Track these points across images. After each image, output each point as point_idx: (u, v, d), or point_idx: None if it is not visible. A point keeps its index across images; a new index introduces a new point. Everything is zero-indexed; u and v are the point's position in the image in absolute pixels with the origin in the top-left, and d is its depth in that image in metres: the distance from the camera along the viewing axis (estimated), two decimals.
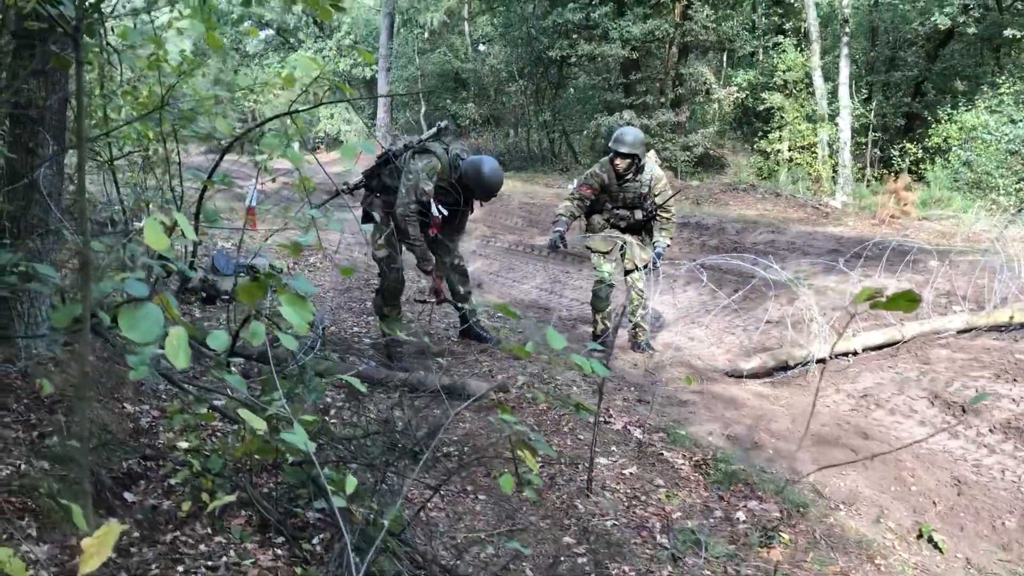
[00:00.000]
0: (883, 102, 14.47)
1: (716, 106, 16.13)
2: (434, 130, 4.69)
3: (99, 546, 1.10)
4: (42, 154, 2.68)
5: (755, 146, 15.05)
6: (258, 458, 2.38)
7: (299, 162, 2.33)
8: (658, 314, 6.50)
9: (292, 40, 24.97)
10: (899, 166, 13.10)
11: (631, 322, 5.39)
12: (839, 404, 4.69)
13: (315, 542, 2.23)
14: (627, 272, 5.34)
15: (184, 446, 2.51)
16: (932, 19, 12.74)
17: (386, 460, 2.55)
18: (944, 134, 12.50)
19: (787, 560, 2.70)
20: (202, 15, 3.47)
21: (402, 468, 2.64)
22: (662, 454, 3.47)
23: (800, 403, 4.59)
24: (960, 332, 5.61)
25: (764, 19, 16.25)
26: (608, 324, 5.31)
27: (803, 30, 14.19)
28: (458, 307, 4.95)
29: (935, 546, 3.08)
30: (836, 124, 13.12)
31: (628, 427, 3.72)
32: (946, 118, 12.61)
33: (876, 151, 14.20)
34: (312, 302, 1.75)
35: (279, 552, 2.16)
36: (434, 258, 4.64)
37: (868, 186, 13.21)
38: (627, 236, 5.35)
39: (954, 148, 12.26)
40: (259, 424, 1.61)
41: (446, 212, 4.48)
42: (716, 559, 2.64)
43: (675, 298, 7.10)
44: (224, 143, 3.85)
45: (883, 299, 1.19)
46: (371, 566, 1.79)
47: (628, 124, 12.87)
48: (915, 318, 5.68)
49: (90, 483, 1.59)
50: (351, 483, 1.72)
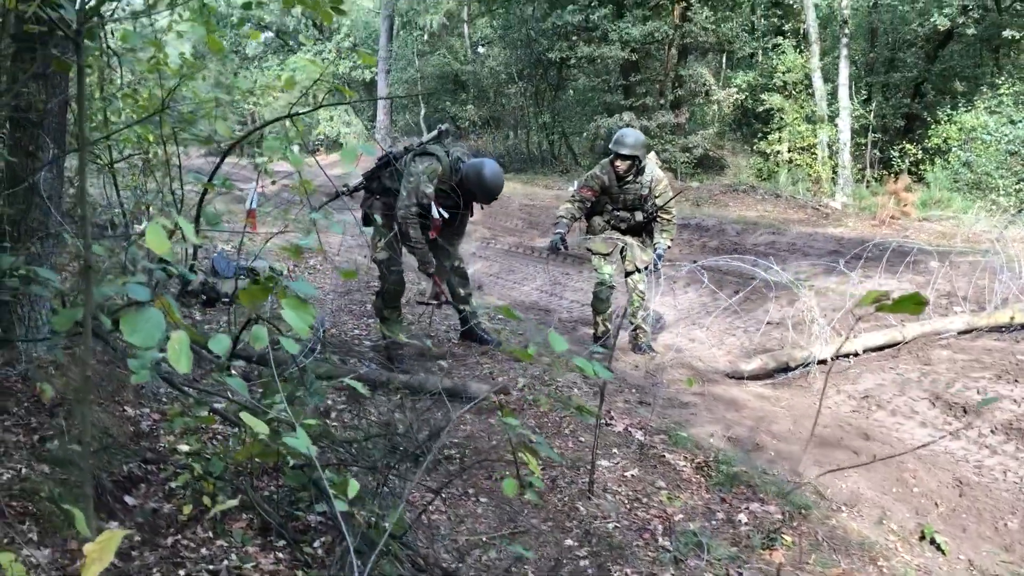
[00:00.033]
0: (883, 103, 14.48)
1: (716, 107, 16.13)
2: (435, 133, 4.69)
3: (101, 552, 1.10)
4: (42, 157, 2.68)
5: (755, 147, 15.05)
6: (259, 461, 2.37)
7: (300, 165, 2.33)
8: (659, 316, 6.49)
9: (291, 43, 24.98)
10: (899, 167, 13.10)
11: (632, 324, 5.39)
12: (840, 405, 4.69)
13: (316, 545, 2.23)
14: (628, 274, 5.34)
15: (185, 449, 2.51)
16: (931, 20, 12.75)
17: (387, 463, 2.55)
18: (944, 135, 12.51)
19: (789, 562, 2.70)
20: (202, 18, 3.48)
21: (403, 471, 2.63)
22: (663, 456, 3.46)
23: (801, 405, 4.59)
24: (961, 333, 5.61)
25: (763, 20, 16.25)
26: (609, 326, 5.31)
27: (802, 31, 14.19)
28: (459, 309, 4.95)
29: (937, 548, 3.08)
30: (836, 125, 13.12)
31: (629, 429, 3.72)
32: (946, 119, 12.62)
33: (876, 152, 14.20)
34: (313, 305, 1.74)
35: (280, 556, 2.16)
36: (435, 261, 4.63)
37: (868, 187, 13.21)
38: (628, 238, 5.35)
39: (954, 149, 12.27)
40: (261, 428, 1.61)
41: (447, 215, 4.48)
42: (718, 561, 2.64)
43: (676, 300, 7.09)
44: (224, 146, 3.85)
45: (889, 302, 1.18)
46: (373, 570, 1.79)
47: (628, 126, 12.89)
48: (916, 319, 5.68)
49: (91, 487, 1.58)
50: (353, 487, 1.72)
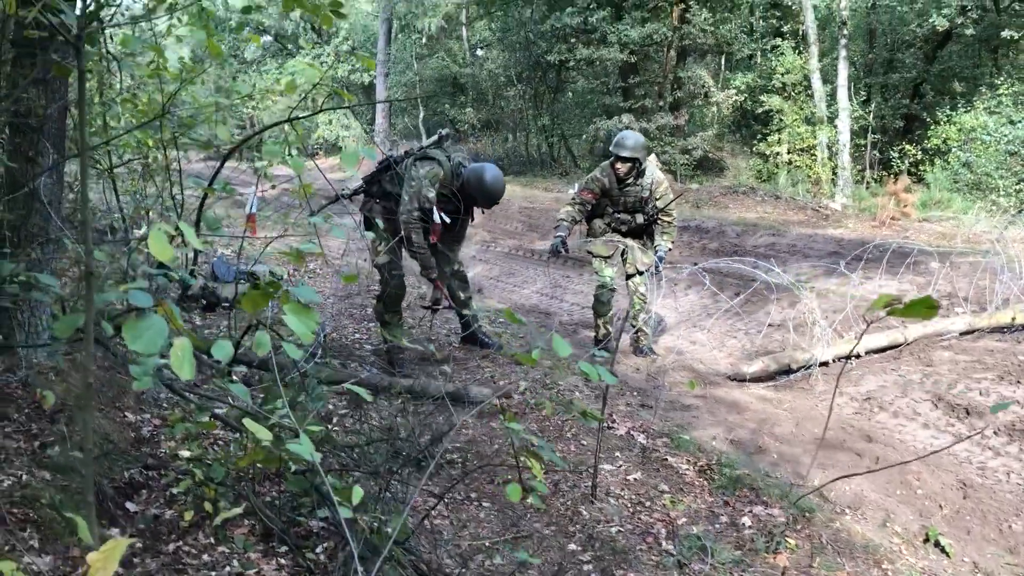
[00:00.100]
0: (882, 104, 14.48)
1: (715, 109, 16.14)
2: (436, 137, 4.68)
3: (105, 561, 1.09)
4: (42, 163, 2.68)
5: (754, 149, 15.06)
6: (261, 467, 2.36)
7: (301, 169, 2.32)
8: (660, 318, 6.48)
9: (290, 46, 24.99)
10: (899, 168, 13.10)
11: (633, 326, 5.38)
12: (842, 407, 4.67)
13: (319, 551, 2.22)
14: (628, 276, 5.33)
15: (186, 455, 2.50)
16: (930, 21, 12.75)
17: (390, 468, 2.54)
18: (943, 135, 12.51)
19: (794, 565, 2.69)
20: (201, 22, 3.48)
21: (406, 476, 2.62)
22: (666, 459, 3.45)
23: (803, 407, 4.58)
24: (962, 334, 5.60)
25: (762, 22, 16.26)
26: (610, 328, 5.30)
27: (801, 33, 14.21)
28: (460, 313, 4.94)
29: (942, 550, 3.07)
30: (835, 126, 13.12)
31: (632, 432, 3.71)
32: (945, 119, 12.62)
33: (875, 153, 14.21)
34: (315, 310, 1.73)
35: (283, 562, 2.15)
36: (436, 265, 4.63)
37: (868, 188, 13.21)
38: (628, 240, 5.35)
39: (953, 149, 12.27)
40: (264, 434, 1.60)
41: (448, 219, 4.47)
42: (722, 565, 2.63)
43: (677, 302, 7.08)
44: (224, 150, 3.84)
45: (900, 306, 1.17)
46: (376, 575, 1.78)
47: (627, 128, 12.89)
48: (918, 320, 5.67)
49: (93, 494, 1.57)
50: (357, 493, 1.71)
